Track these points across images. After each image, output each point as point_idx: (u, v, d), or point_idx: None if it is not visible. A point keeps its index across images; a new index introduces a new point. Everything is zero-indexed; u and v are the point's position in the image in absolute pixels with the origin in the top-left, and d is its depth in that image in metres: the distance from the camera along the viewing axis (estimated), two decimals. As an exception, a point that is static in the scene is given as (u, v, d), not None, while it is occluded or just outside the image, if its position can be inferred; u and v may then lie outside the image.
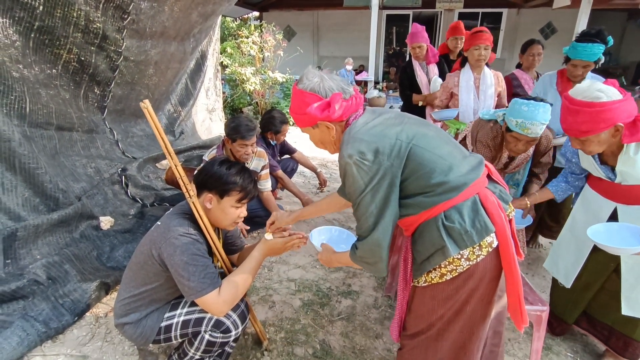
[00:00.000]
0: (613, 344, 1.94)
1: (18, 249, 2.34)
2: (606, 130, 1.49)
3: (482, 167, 1.29)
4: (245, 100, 8.06)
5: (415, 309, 1.37)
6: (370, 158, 1.17)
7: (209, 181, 1.62)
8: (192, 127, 5.37)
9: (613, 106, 1.44)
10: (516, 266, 1.21)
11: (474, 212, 1.19)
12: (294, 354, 2.05)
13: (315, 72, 1.31)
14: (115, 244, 2.83)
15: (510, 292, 1.24)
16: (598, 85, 1.49)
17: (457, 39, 3.88)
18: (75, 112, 3.18)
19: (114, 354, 2.03)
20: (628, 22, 13.10)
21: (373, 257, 1.26)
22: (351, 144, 1.20)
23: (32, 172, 2.54)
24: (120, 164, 3.57)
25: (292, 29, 13.98)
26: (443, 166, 1.20)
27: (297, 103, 1.32)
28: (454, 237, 1.18)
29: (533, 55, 3.19)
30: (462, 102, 3.02)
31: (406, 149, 1.19)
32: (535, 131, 2.00)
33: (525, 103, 1.99)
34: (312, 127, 1.34)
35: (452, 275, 1.22)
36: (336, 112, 1.25)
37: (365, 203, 1.20)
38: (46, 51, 2.79)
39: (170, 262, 1.49)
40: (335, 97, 1.25)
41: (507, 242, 1.19)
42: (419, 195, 1.21)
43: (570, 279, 1.96)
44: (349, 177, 1.21)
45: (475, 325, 1.31)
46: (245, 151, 2.75)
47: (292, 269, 2.86)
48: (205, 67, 5.49)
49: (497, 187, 1.31)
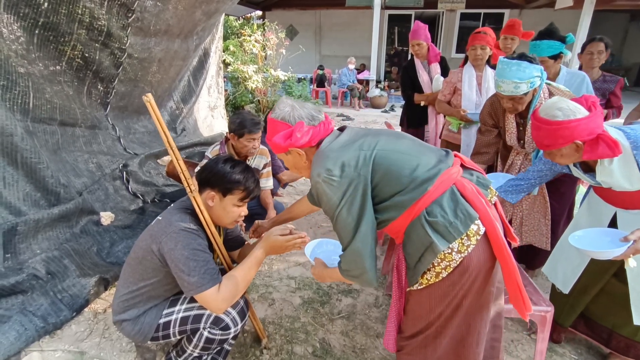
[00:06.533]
0: (614, 346, 1.92)
1: (18, 243, 2.33)
2: (566, 146, 1.53)
3: (451, 157, 1.32)
4: (247, 98, 8.03)
5: (412, 311, 1.37)
6: (337, 173, 1.21)
7: (212, 179, 1.61)
8: (194, 124, 5.37)
9: (570, 125, 1.47)
10: (508, 251, 1.20)
11: (453, 202, 1.20)
12: (293, 352, 2.04)
13: (287, 102, 1.38)
14: (115, 240, 2.82)
15: (507, 278, 1.23)
16: (561, 103, 1.52)
17: (509, 38, 3.46)
18: (78, 108, 3.17)
19: (111, 350, 2.02)
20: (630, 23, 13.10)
21: (357, 269, 1.27)
22: (318, 163, 1.26)
23: (34, 167, 2.53)
24: (122, 159, 3.57)
25: (294, 28, 13.98)
26: (410, 162, 1.24)
27: (270, 131, 1.40)
28: (440, 231, 1.19)
29: (591, 54, 2.96)
30: (465, 96, 3.06)
31: (371, 156, 1.23)
32: (508, 89, 1.96)
33: (502, 61, 1.97)
34: (285, 154, 1.41)
35: (448, 272, 1.21)
36: (301, 140, 1.31)
37: (342, 217, 1.23)
38: (50, 47, 2.78)
39: (171, 257, 1.48)
40: (297, 125, 1.32)
41: (493, 226, 1.19)
42: (394, 196, 1.23)
43: (568, 285, 1.94)
44: (322, 196, 1.26)
45: (472, 318, 1.31)
46: (253, 145, 2.76)
47: (292, 266, 2.85)
48: (207, 65, 5.48)
49: (474, 174, 1.32)
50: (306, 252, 1.66)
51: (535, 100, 2.06)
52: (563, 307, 2.00)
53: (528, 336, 2.19)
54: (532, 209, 2.36)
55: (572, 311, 1.99)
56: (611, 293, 1.85)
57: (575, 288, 1.92)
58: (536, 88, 2.00)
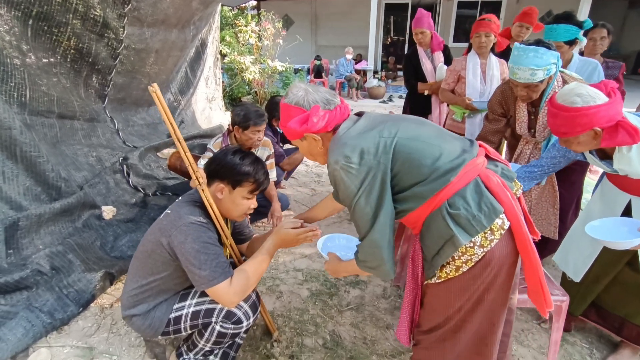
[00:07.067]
0: (626, 334, 1.92)
1: (20, 238, 2.29)
2: (584, 133, 1.48)
3: (476, 147, 1.27)
4: (244, 90, 7.95)
5: (430, 304, 1.33)
6: (356, 160, 1.16)
7: (221, 171, 1.58)
8: (192, 116, 5.31)
9: (589, 111, 1.43)
10: (532, 246, 1.16)
11: (477, 194, 1.15)
12: (304, 344, 2.03)
13: (301, 85, 1.33)
14: (118, 234, 2.78)
15: (530, 274, 1.20)
16: (580, 89, 1.47)
17: (524, 27, 3.31)
18: (76, 101, 3.11)
19: (120, 345, 1.99)
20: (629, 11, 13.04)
21: (374, 260, 1.23)
22: (336, 150, 1.21)
23: (34, 161, 2.47)
24: (122, 153, 3.51)
25: (290, 18, 13.80)
26: (433, 151, 1.18)
27: (283, 117, 1.34)
28: (462, 224, 1.14)
29: (594, 40, 2.93)
30: (469, 84, 3.02)
31: (391, 144, 1.18)
32: (524, 76, 1.89)
33: (518, 47, 1.90)
34: (300, 140, 1.36)
35: (469, 266, 1.17)
36: (317, 125, 1.25)
37: (360, 206, 1.19)
38: (45, 38, 2.72)
39: (181, 250, 1.45)
40: (313, 110, 1.26)
41: (519, 221, 1.15)
42: (414, 186, 1.19)
43: (579, 274, 1.92)
44: (339, 184, 1.21)
45: (495, 315, 1.28)
46: (258, 137, 2.72)
47: (298, 258, 2.83)
48: (205, 56, 5.41)
49: (499, 165, 1.27)
50: (319, 247, 1.64)
51: (549, 88, 2.01)
52: (574, 296, 1.99)
53: (538, 325, 2.19)
54: (540, 198, 2.34)
55: (583, 300, 1.98)
56: (624, 282, 1.84)
57: (586, 277, 1.91)
58: (551, 76, 1.94)
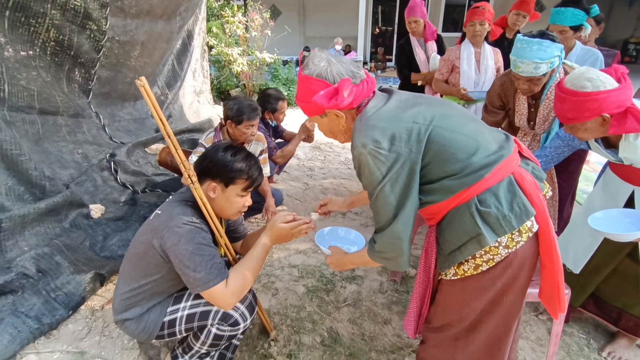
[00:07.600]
0: (623, 325, 1.92)
1: (3, 240, 2.19)
2: (592, 119, 1.45)
3: (512, 142, 1.19)
4: (232, 83, 7.80)
5: (443, 301, 1.28)
6: (386, 146, 1.08)
7: (213, 169, 1.51)
8: (180, 110, 5.18)
9: (598, 97, 1.39)
10: (557, 251, 1.12)
11: (511, 194, 1.09)
12: (301, 342, 1.99)
13: (322, 55, 1.19)
14: (108, 233, 2.70)
15: (548, 278, 1.17)
16: (590, 73, 1.43)
17: (520, 15, 3.28)
18: (59, 95, 2.99)
19: (113, 348, 1.93)
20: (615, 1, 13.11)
21: (393, 251, 1.17)
22: (364, 132, 1.10)
23: (15, 159, 2.37)
24: (108, 149, 3.40)
25: (277, 8, 13.58)
26: (469, 145, 1.10)
27: (303, 90, 1.20)
28: (491, 223, 1.08)
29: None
30: (463, 74, 2.99)
31: (425, 131, 1.09)
32: (527, 70, 1.84)
33: (521, 39, 1.83)
34: (320, 116, 1.25)
35: (489, 266, 1.12)
36: (345, 100, 1.13)
37: (383, 194, 1.11)
38: (23, 30, 2.59)
39: (174, 252, 1.39)
40: (343, 83, 1.13)
41: (548, 225, 1.11)
42: (444, 179, 1.11)
43: (579, 266, 1.90)
44: (364, 168, 1.12)
45: (511, 318, 1.24)
46: (252, 132, 2.66)
47: (293, 254, 2.78)
48: (192, 48, 5.26)
49: (530, 164, 1.21)
50: (317, 241, 1.59)
51: (551, 81, 1.98)
52: (573, 287, 1.99)
53: (536, 317, 2.18)
54: None
55: (582, 291, 1.98)
56: (623, 273, 1.83)
57: (586, 268, 1.90)
58: (554, 68, 1.89)
